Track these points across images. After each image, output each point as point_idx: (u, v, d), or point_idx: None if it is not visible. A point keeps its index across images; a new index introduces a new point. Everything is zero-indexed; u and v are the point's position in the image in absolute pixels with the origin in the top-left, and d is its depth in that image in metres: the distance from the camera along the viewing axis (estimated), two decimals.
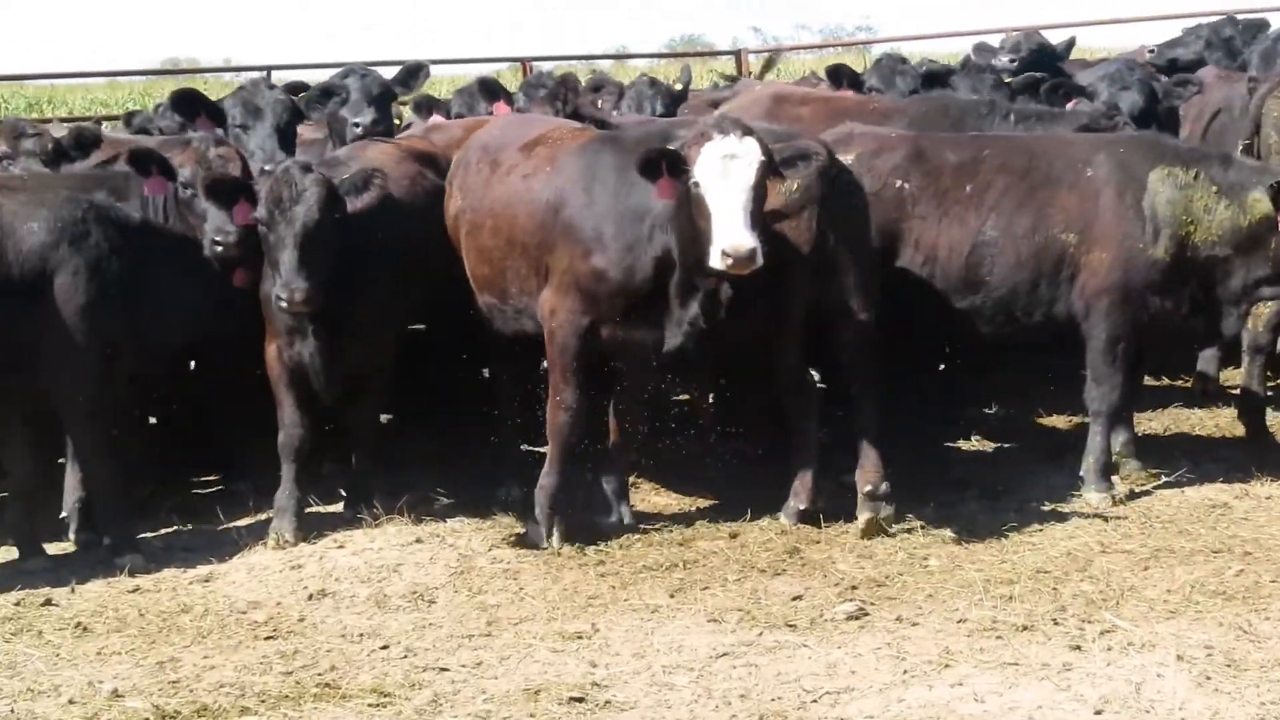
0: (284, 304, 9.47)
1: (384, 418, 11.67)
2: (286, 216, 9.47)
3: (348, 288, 9.85)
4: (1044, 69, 14.75)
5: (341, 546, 9.77)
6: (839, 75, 15.20)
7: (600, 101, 13.35)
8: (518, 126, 10.95)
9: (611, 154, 9.77)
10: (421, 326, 11.38)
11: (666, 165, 9.18)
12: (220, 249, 9.76)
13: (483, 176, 10.38)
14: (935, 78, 14.82)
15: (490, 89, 13.72)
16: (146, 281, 9.64)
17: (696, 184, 9.04)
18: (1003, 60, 15.40)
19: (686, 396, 12.08)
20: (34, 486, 9.96)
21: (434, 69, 13.87)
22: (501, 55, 32.49)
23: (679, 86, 15.32)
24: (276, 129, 11.57)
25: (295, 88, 12.60)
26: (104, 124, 16.08)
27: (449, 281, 10.60)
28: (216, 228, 9.72)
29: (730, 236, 8.88)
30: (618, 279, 9.55)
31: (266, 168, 10.48)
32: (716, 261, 8.94)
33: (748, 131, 9.19)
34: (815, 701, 7.31)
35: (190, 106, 11.79)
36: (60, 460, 10.49)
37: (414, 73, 13.48)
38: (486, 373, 11.84)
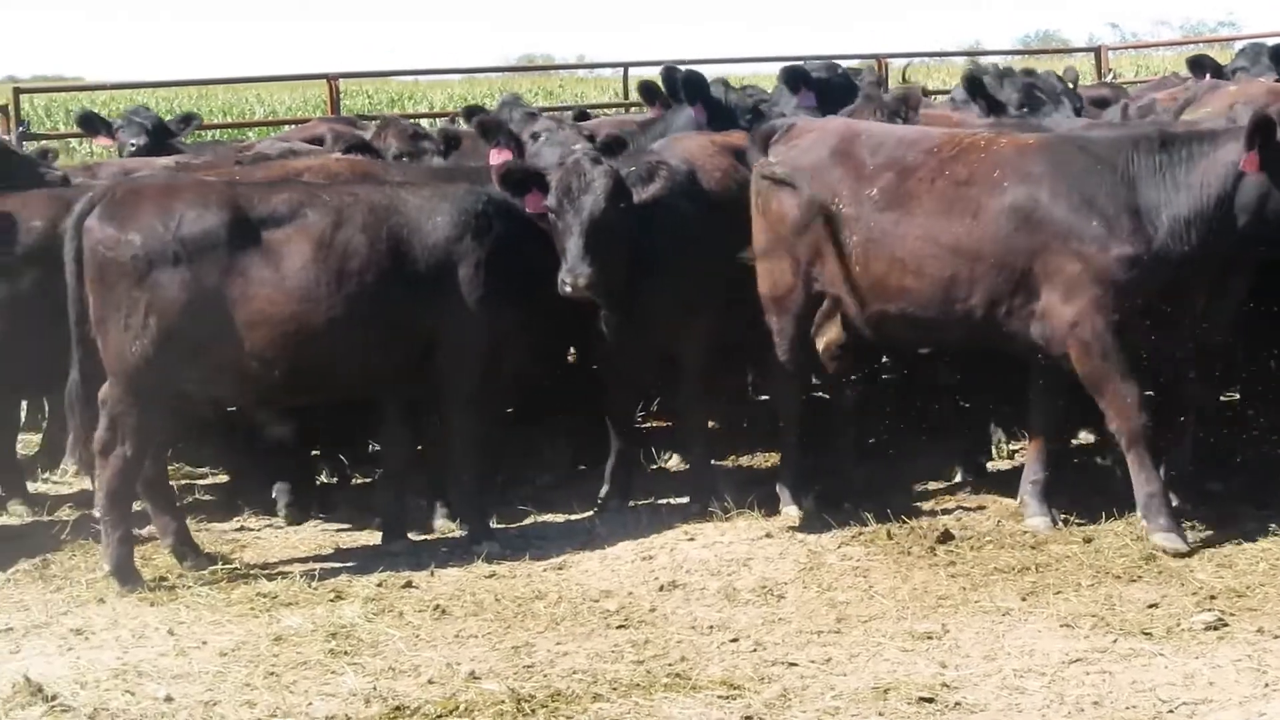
0: (568, 288, 9.62)
1: None
2: (575, 205, 9.71)
3: (650, 275, 10.05)
4: None
5: (692, 539, 9.89)
6: (1201, 66, 14.81)
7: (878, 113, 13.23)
8: (886, 131, 10.68)
9: (1087, 155, 9.58)
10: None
11: (1263, 140, 9.13)
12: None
13: (884, 183, 9.98)
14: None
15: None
16: (534, 275, 9.83)
17: None
18: None
19: None
20: (408, 469, 10.28)
21: (785, 66, 14.08)
22: (856, 53, 32.43)
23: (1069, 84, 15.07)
24: None
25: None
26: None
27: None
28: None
29: None
30: (1137, 276, 9.35)
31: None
32: None
33: None
34: (1171, 712, 7.15)
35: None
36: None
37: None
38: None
